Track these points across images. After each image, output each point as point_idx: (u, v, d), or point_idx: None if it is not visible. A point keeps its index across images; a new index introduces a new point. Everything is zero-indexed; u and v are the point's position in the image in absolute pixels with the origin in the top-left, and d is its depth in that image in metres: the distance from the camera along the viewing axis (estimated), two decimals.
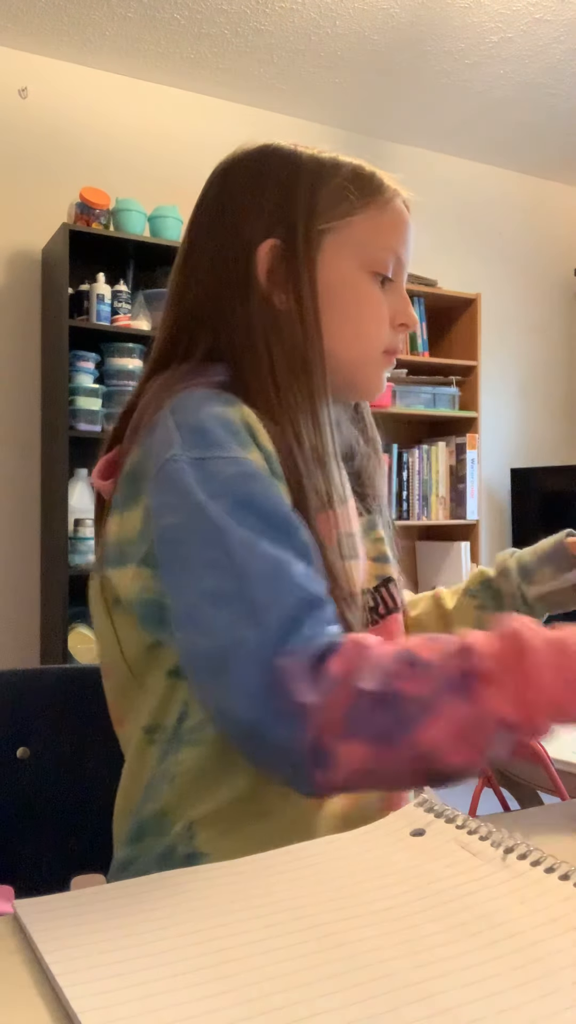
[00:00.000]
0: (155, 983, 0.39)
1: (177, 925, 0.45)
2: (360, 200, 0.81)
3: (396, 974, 0.40)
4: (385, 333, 0.83)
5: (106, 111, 3.27)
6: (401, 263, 0.84)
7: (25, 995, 0.39)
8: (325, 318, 0.79)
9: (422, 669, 0.57)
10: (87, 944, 0.42)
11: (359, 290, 0.82)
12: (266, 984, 0.39)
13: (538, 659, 0.56)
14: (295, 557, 0.64)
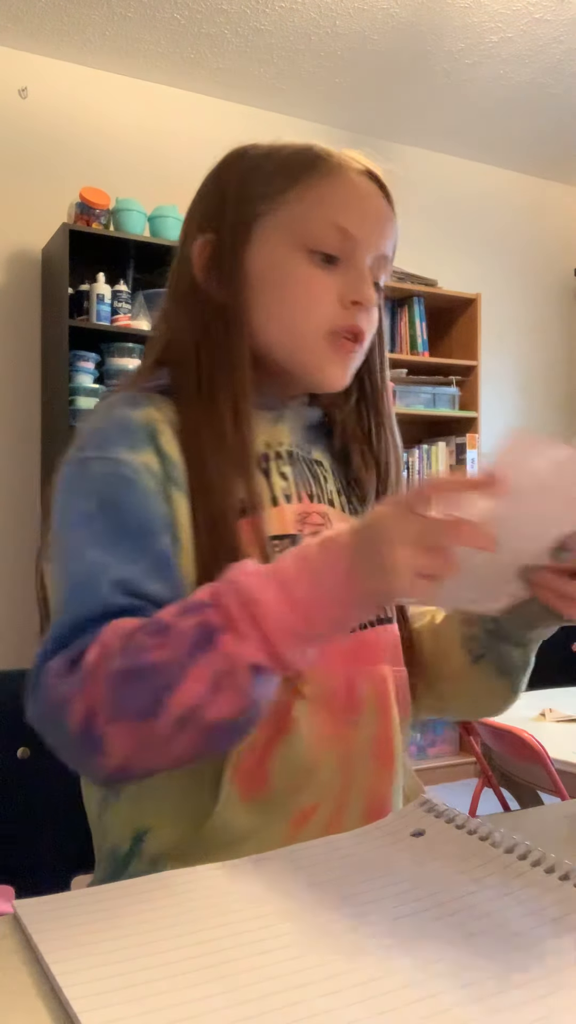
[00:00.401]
0: (155, 983, 0.39)
1: (177, 925, 0.45)
2: (293, 178, 0.77)
3: (396, 974, 0.40)
4: (327, 313, 0.76)
5: (106, 111, 3.27)
6: (352, 237, 0.77)
7: (25, 995, 0.39)
8: (258, 308, 0.77)
9: (166, 634, 0.57)
10: (87, 944, 0.42)
11: (289, 271, 0.77)
12: (266, 984, 0.39)
13: (258, 594, 0.56)
14: (134, 565, 0.64)
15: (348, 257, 0.77)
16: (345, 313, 0.77)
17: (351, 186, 0.78)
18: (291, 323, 0.77)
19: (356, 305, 0.77)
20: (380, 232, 0.79)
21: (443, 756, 3.58)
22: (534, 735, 1.85)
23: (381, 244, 0.79)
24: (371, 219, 0.79)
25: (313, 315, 0.77)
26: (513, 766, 2.09)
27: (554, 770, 1.82)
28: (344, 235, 0.76)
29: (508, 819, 0.66)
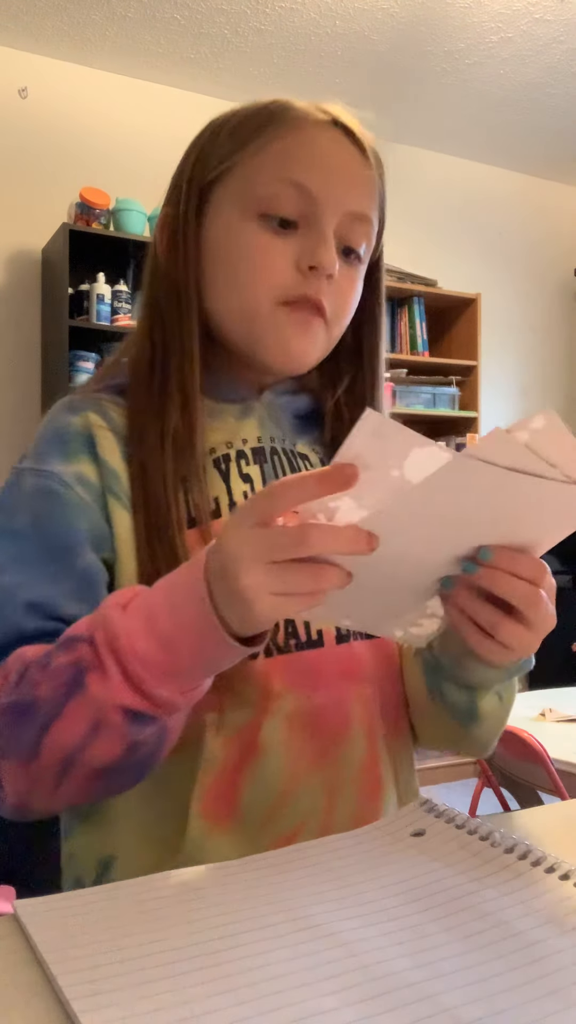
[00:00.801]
0: (155, 983, 0.39)
1: (177, 925, 0.45)
2: (246, 137, 0.69)
3: (396, 974, 0.40)
4: (279, 281, 0.68)
5: (106, 111, 3.27)
6: (310, 195, 0.67)
7: (25, 995, 0.39)
8: (212, 283, 0.70)
9: (49, 669, 0.53)
10: (87, 944, 0.42)
11: (240, 239, 0.69)
12: (265, 984, 0.39)
13: (119, 628, 0.51)
14: (54, 586, 0.61)
15: (308, 220, 0.68)
16: (301, 280, 0.68)
17: (310, 139, 0.69)
18: (241, 295, 0.69)
19: (313, 271, 0.68)
20: (347, 187, 0.69)
21: (443, 756, 3.58)
22: (534, 735, 1.85)
23: (349, 201, 0.69)
24: (336, 174, 0.69)
25: (263, 283, 0.68)
26: (513, 766, 2.09)
27: (554, 770, 1.82)
28: (301, 193, 0.67)
29: (508, 819, 0.66)
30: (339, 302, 0.71)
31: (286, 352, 0.70)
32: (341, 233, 0.70)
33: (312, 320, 0.70)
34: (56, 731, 0.52)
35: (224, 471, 0.72)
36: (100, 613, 0.53)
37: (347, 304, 0.72)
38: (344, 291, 0.71)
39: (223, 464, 0.72)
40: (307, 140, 0.69)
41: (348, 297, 0.72)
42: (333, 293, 0.70)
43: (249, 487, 0.72)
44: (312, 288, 0.68)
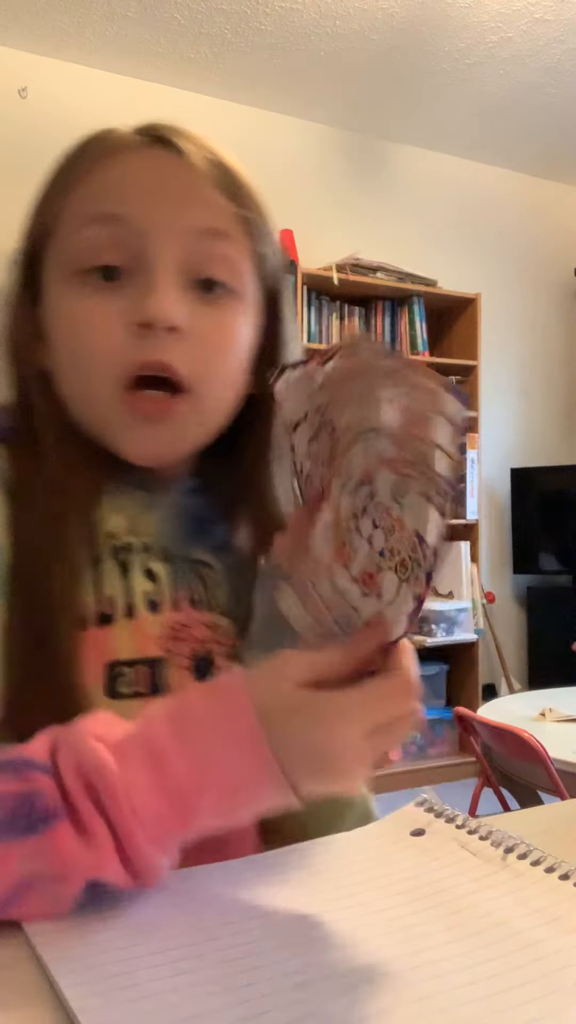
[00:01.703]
0: (155, 983, 0.39)
1: (177, 925, 0.45)
2: (58, 185, 0.58)
3: (395, 974, 0.40)
4: (112, 351, 0.54)
5: (106, 111, 3.27)
6: (130, 226, 0.54)
7: (25, 995, 0.39)
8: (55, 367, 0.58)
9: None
10: (87, 944, 0.42)
11: (61, 311, 0.56)
12: (265, 984, 0.39)
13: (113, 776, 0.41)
14: None
15: (135, 260, 0.55)
16: (134, 344, 0.54)
17: (123, 165, 0.57)
18: (79, 381, 0.57)
19: (147, 328, 0.53)
20: (179, 205, 0.55)
21: (443, 756, 3.58)
22: (534, 735, 1.85)
23: (187, 218, 0.55)
24: (160, 193, 0.55)
25: (96, 360, 0.55)
26: (513, 766, 2.09)
27: (554, 770, 1.83)
28: (118, 226, 0.55)
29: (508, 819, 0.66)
30: (200, 358, 0.55)
31: (135, 447, 0.57)
32: (191, 262, 0.56)
33: (165, 404, 0.55)
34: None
35: (124, 563, 0.58)
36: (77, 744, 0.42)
37: (216, 362, 0.57)
38: (208, 344, 0.56)
39: (122, 555, 0.58)
40: (119, 167, 0.57)
41: (217, 352, 0.57)
42: (187, 349, 0.55)
43: (153, 587, 0.59)
44: (149, 350, 0.54)
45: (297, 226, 3.47)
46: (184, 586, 0.61)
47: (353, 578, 0.47)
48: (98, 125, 0.61)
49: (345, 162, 3.75)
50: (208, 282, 0.56)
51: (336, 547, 0.48)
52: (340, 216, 3.70)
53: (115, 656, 0.56)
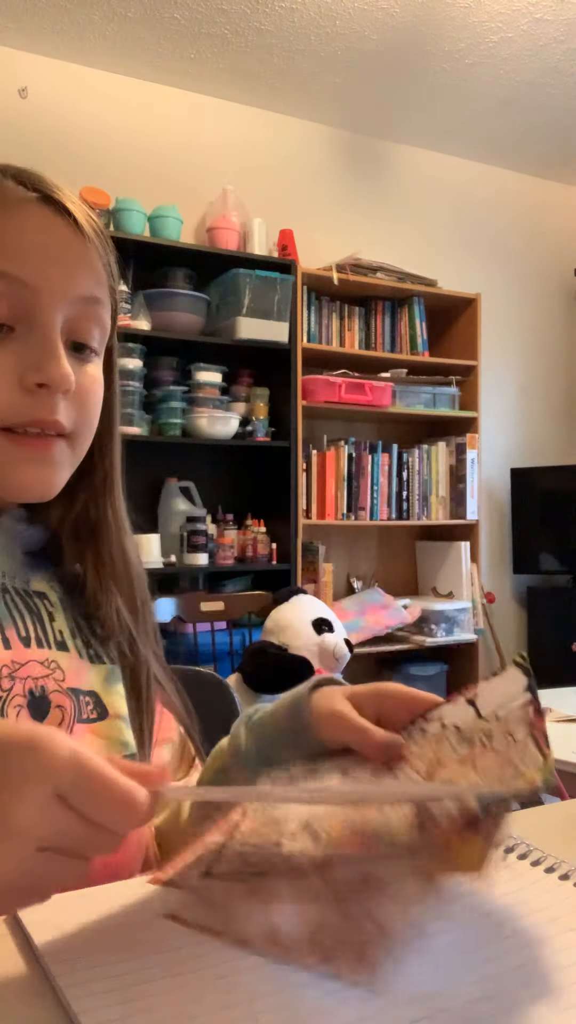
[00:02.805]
0: (155, 983, 0.39)
1: (177, 925, 0.45)
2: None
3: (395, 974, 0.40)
4: (2, 406, 0.57)
5: (106, 111, 3.27)
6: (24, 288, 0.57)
7: (25, 995, 0.39)
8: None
9: None
10: (87, 944, 0.42)
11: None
12: (266, 984, 0.39)
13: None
14: None
15: (26, 320, 0.58)
16: (26, 402, 0.57)
17: (14, 222, 0.58)
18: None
19: (44, 389, 0.57)
20: (68, 271, 0.59)
21: None
22: None
23: (74, 286, 0.59)
24: (51, 257, 0.58)
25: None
26: None
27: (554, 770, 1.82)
28: (11, 286, 0.57)
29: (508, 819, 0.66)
30: (82, 412, 0.61)
31: (18, 486, 0.59)
32: (69, 327, 0.60)
33: (50, 445, 0.59)
34: None
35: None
36: None
37: (91, 413, 0.62)
38: (85, 399, 0.61)
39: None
40: (10, 224, 0.57)
41: (91, 404, 0.62)
42: (72, 407, 0.60)
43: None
44: (45, 409, 0.58)
45: (297, 226, 3.47)
46: (11, 624, 0.61)
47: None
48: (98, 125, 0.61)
49: (345, 162, 3.75)
50: (79, 344, 0.62)
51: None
52: (340, 216, 3.70)
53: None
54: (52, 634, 0.64)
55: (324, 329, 3.50)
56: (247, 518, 3.27)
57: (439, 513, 3.68)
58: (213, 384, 3.12)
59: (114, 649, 0.68)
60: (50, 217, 0.59)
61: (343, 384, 3.31)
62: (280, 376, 3.25)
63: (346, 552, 3.72)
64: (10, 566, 0.64)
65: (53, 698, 0.61)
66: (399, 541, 3.85)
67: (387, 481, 3.54)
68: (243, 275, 3.03)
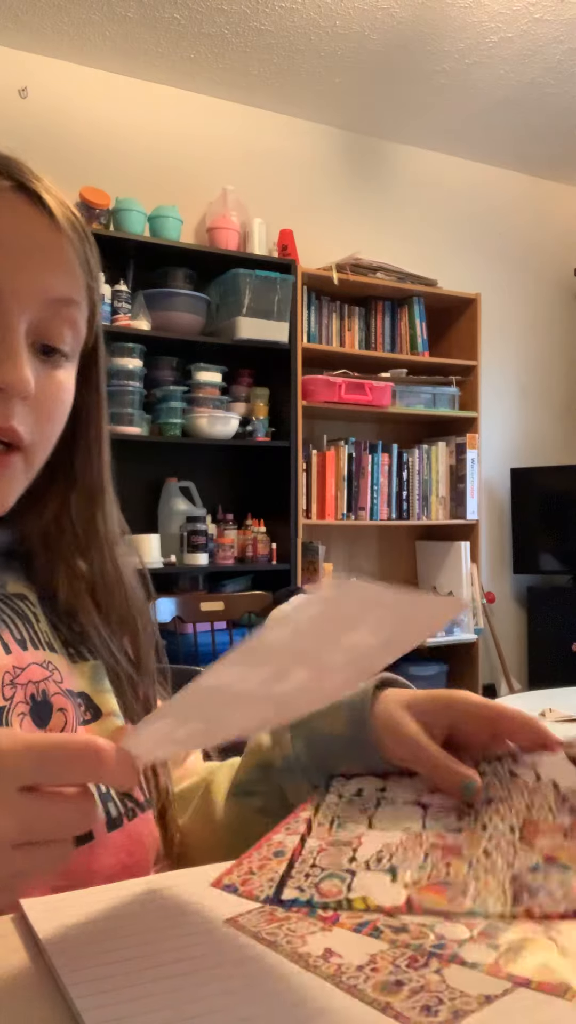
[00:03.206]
0: (159, 982, 0.39)
1: (181, 924, 0.45)
2: None
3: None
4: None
5: (106, 111, 3.27)
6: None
7: (30, 994, 0.39)
8: None
9: None
10: (92, 942, 0.42)
11: None
12: (270, 983, 0.39)
13: None
14: None
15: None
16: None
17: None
18: None
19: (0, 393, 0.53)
20: (38, 270, 0.55)
21: None
22: None
23: (44, 287, 0.55)
24: (20, 256, 0.54)
25: None
26: None
27: None
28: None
29: None
30: (41, 422, 0.57)
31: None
32: (40, 327, 0.56)
33: (3, 460, 0.55)
34: None
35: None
36: None
37: (52, 422, 0.58)
38: (46, 407, 0.57)
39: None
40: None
41: (53, 413, 0.58)
42: (29, 413, 0.55)
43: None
44: (4, 415, 0.53)
45: (297, 226, 3.47)
46: (4, 628, 0.59)
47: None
48: (98, 125, 0.60)
49: (345, 162, 3.75)
50: (47, 348, 0.57)
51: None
52: (340, 216, 3.70)
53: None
54: (41, 635, 0.62)
55: (324, 329, 3.50)
56: (247, 518, 3.27)
57: (439, 513, 3.68)
58: (213, 384, 3.12)
59: (94, 642, 0.65)
60: (21, 208, 0.54)
61: (343, 384, 3.31)
62: (280, 376, 3.25)
63: (346, 552, 3.72)
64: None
65: (55, 701, 0.59)
66: (399, 541, 3.85)
67: (387, 481, 3.55)
68: (243, 275, 3.03)
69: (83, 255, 0.58)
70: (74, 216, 0.57)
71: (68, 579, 0.64)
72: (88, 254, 0.58)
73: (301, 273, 3.29)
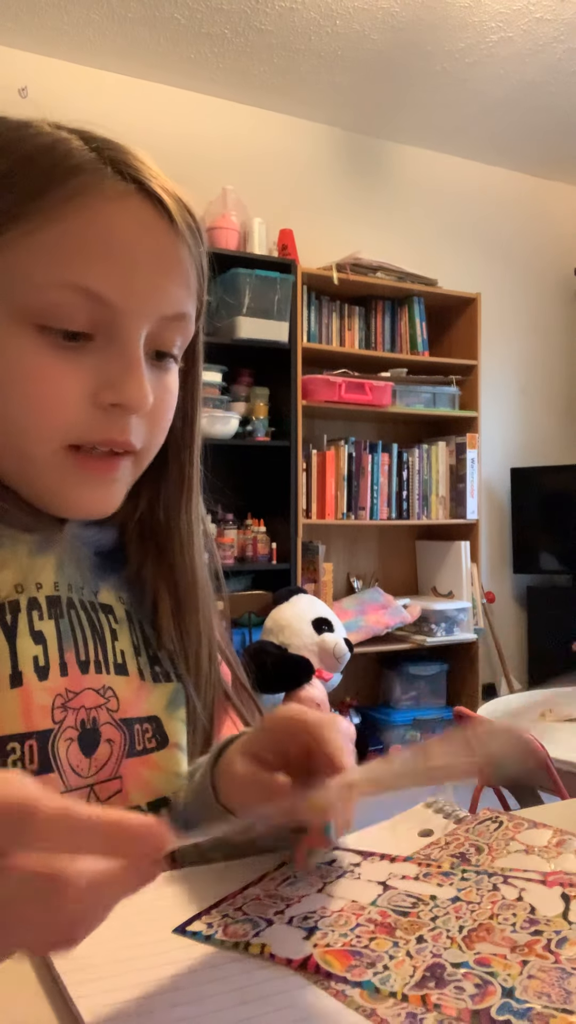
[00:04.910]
0: (158, 981, 0.39)
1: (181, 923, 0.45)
2: (13, 204, 0.51)
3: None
4: (67, 419, 0.52)
5: (106, 111, 3.27)
6: (107, 304, 0.51)
7: (28, 992, 0.39)
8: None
9: None
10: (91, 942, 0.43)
11: (7, 355, 0.51)
12: (269, 984, 0.39)
13: None
14: None
15: (106, 332, 0.52)
16: (98, 419, 0.53)
17: (102, 222, 0.51)
18: (13, 430, 0.53)
19: (118, 409, 0.53)
20: (157, 285, 0.53)
21: None
22: (534, 735, 1.85)
23: (161, 304, 0.54)
24: (141, 270, 0.52)
25: (44, 423, 0.52)
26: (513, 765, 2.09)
27: (554, 770, 1.83)
28: (93, 301, 0.51)
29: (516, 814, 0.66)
30: (153, 429, 0.57)
31: (76, 506, 0.56)
32: (152, 338, 0.55)
33: (115, 466, 0.55)
34: None
35: (9, 625, 0.54)
36: None
37: (162, 427, 0.58)
38: (158, 414, 0.57)
39: (8, 615, 0.54)
40: (97, 225, 0.51)
41: (163, 419, 0.58)
42: (146, 424, 0.56)
43: (41, 650, 0.55)
44: (116, 429, 0.53)
45: (297, 226, 3.47)
46: (71, 646, 0.57)
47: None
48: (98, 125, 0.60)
49: (345, 162, 3.75)
50: (160, 353, 0.57)
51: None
52: (340, 216, 3.70)
53: (1, 730, 0.52)
54: (113, 656, 0.60)
55: (324, 329, 3.50)
56: (247, 517, 3.27)
57: (439, 513, 3.68)
58: (213, 384, 3.12)
59: (181, 665, 0.64)
60: (139, 214, 0.52)
61: (343, 384, 3.31)
62: (280, 376, 3.25)
63: (346, 552, 3.72)
64: (77, 576, 0.60)
65: (104, 731, 0.58)
66: (399, 541, 3.85)
67: (387, 481, 3.55)
68: (243, 275, 3.03)
69: (198, 260, 0.58)
70: (189, 215, 0.57)
71: (156, 574, 0.63)
72: (202, 257, 0.58)
73: (301, 273, 3.29)
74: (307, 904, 0.46)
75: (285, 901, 0.47)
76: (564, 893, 0.46)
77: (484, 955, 0.40)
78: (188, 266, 0.56)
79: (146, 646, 0.63)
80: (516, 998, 0.37)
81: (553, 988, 0.37)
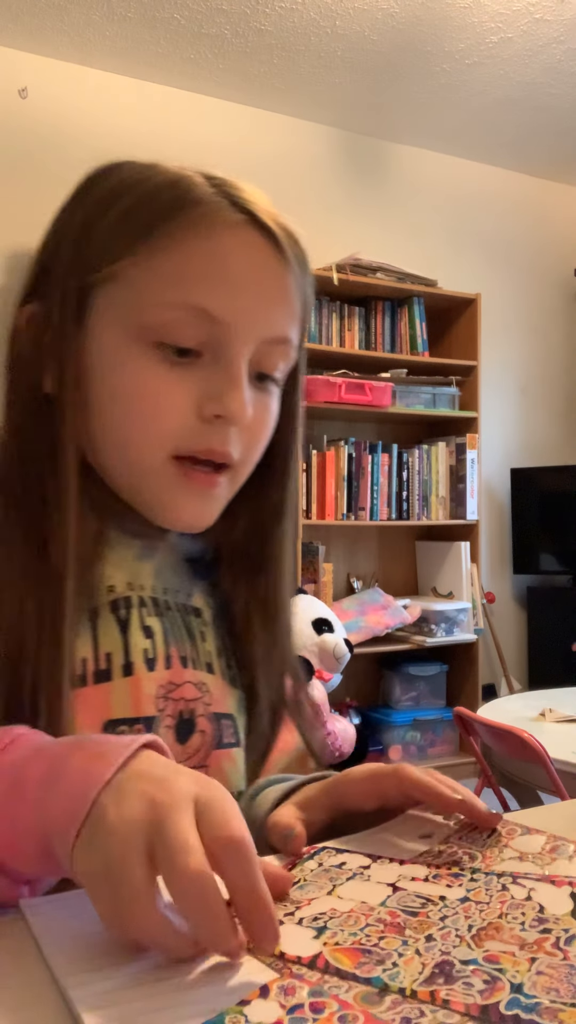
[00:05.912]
0: (159, 983, 0.39)
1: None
2: (138, 233, 0.56)
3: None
4: (173, 428, 0.56)
5: (106, 111, 3.27)
6: (218, 323, 0.55)
7: (29, 994, 0.39)
8: (93, 415, 0.58)
9: None
10: (92, 944, 0.42)
11: (125, 369, 0.56)
12: None
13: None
14: None
15: (214, 350, 0.57)
16: (201, 429, 0.57)
17: (218, 249, 0.56)
18: (125, 440, 0.57)
19: (220, 420, 0.56)
20: (265, 309, 0.58)
21: (443, 756, 3.59)
22: (534, 735, 1.85)
23: (267, 326, 0.58)
24: (250, 293, 0.57)
25: (154, 432, 0.56)
26: (513, 766, 2.09)
27: (554, 770, 1.83)
28: (205, 320, 0.55)
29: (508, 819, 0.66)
30: (250, 444, 0.60)
31: (176, 517, 0.60)
32: (255, 360, 0.58)
33: (215, 482, 0.59)
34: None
35: (123, 620, 0.60)
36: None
37: (259, 444, 0.61)
38: (256, 431, 0.60)
39: (122, 610, 0.60)
40: (214, 251, 0.55)
41: (261, 436, 0.61)
42: (244, 439, 0.59)
43: (150, 644, 0.60)
44: (217, 439, 0.57)
45: (297, 226, 3.47)
46: (175, 642, 0.63)
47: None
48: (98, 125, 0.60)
49: (345, 162, 3.76)
50: (262, 375, 0.60)
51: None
52: (340, 216, 3.70)
53: (112, 715, 0.58)
54: (203, 655, 0.65)
55: (324, 329, 3.50)
56: None
57: (439, 513, 3.68)
58: None
59: (248, 678, 0.68)
60: (253, 242, 0.57)
61: (343, 384, 3.31)
62: None
63: (346, 552, 3.72)
64: (174, 580, 0.66)
65: (198, 722, 0.63)
66: (399, 541, 3.85)
67: (387, 481, 3.55)
68: None
69: (303, 290, 0.62)
70: (296, 246, 0.61)
71: (243, 601, 0.67)
72: (307, 286, 0.63)
73: None
74: (316, 906, 0.46)
75: (295, 904, 0.47)
76: (573, 892, 0.47)
77: (493, 952, 0.41)
78: (293, 294, 0.60)
79: (224, 649, 0.68)
80: (525, 993, 0.38)
81: (562, 984, 0.38)
